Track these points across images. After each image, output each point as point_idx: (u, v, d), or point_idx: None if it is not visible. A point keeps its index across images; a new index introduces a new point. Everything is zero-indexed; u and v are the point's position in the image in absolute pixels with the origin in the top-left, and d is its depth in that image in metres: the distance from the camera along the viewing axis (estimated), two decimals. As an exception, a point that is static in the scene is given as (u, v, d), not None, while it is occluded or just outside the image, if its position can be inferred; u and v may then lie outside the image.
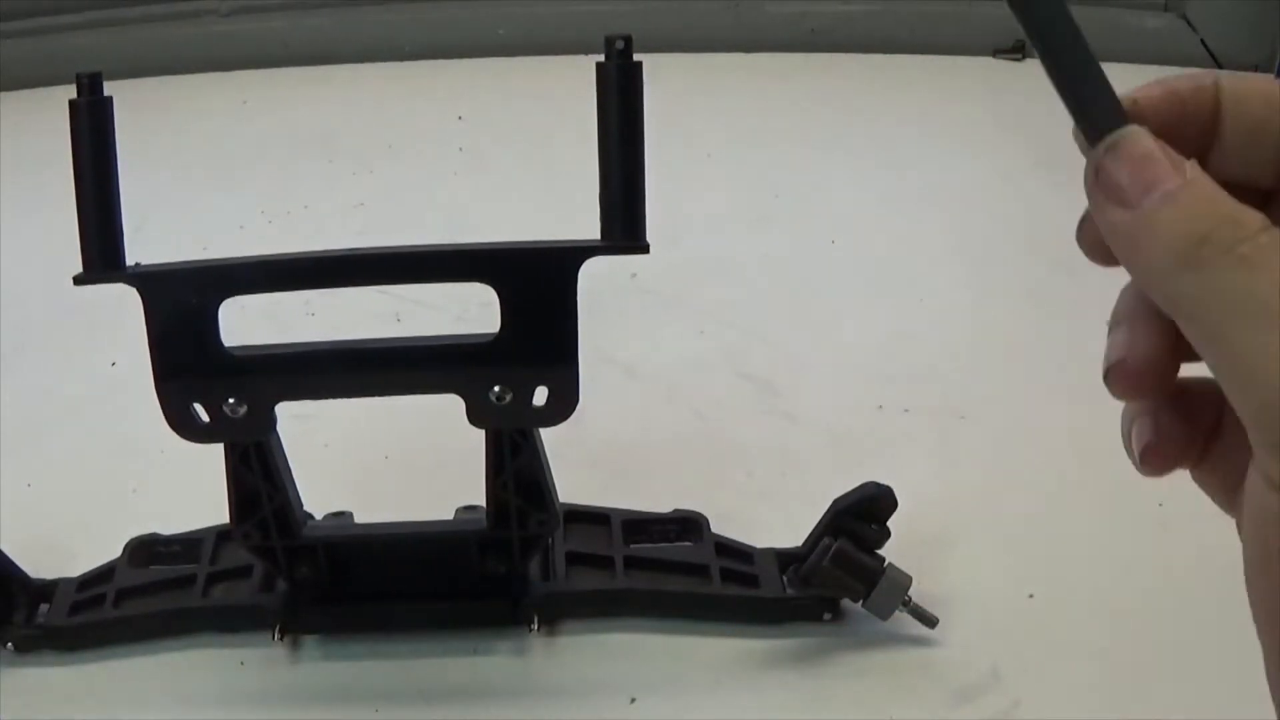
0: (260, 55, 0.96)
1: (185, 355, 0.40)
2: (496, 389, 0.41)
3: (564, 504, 0.46)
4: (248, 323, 0.42)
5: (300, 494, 0.45)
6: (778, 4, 0.96)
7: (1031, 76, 0.88)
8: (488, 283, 0.40)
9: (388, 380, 0.42)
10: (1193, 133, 0.30)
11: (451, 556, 0.46)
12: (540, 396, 0.42)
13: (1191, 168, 0.28)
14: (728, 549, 0.49)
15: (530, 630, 0.47)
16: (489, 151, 0.83)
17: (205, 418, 0.41)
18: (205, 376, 0.40)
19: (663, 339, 0.66)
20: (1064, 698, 0.44)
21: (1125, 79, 0.29)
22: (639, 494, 0.53)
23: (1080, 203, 0.28)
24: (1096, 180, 0.28)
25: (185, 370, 0.40)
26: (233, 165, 0.83)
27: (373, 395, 0.42)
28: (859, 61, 0.93)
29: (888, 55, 0.93)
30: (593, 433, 0.58)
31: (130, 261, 0.39)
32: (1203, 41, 0.91)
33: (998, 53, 0.92)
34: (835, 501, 0.46)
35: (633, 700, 0.45)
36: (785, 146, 0.83)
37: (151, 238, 0.71)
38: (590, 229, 0.40)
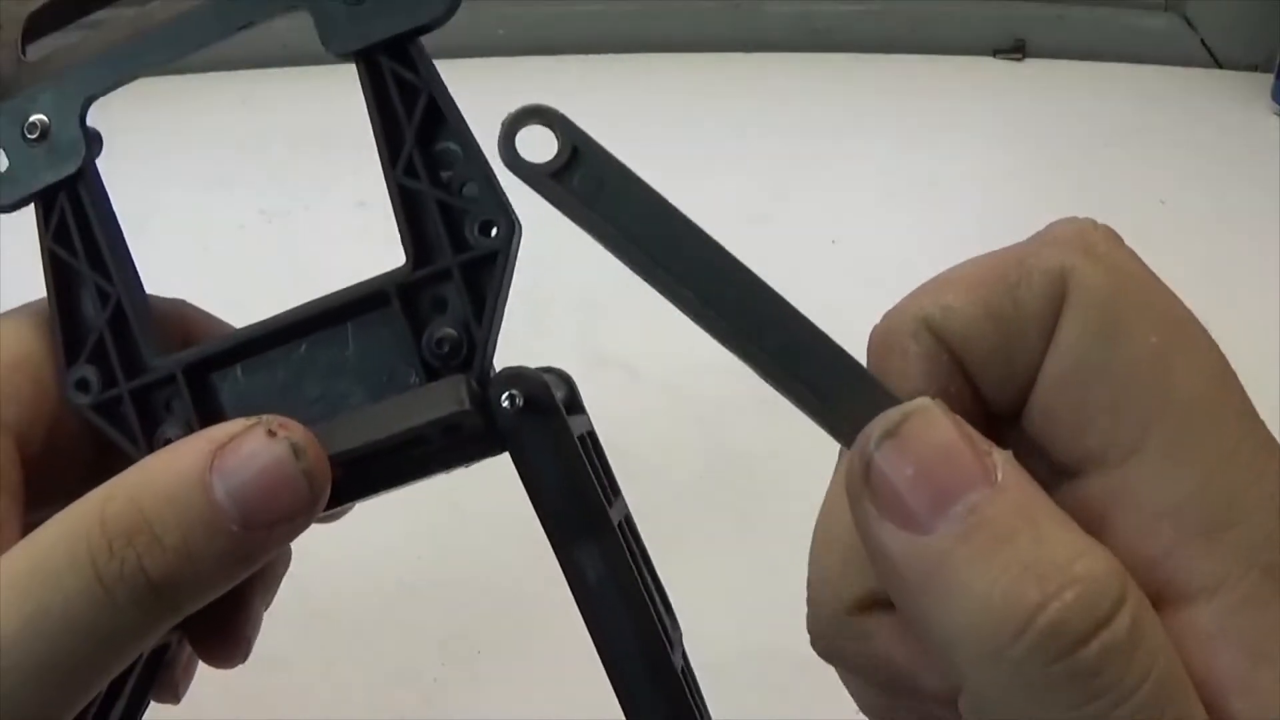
0: (260, 55, 0.96)
1: None
2: None
3: None
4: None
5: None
6: (778, 4, 0.96)
7: (1031, 76, 0.88)
8: None
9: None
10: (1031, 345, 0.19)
11: (374, 335, 0.29)
12: None
13: (1005, 463, 0.17)
14: None
15: None
16: (488, 152, 0.83)
17: (5, 164, 0.33)
18: None
19: (664, 339, 0.66)
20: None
21: (1125, 79, 0.27)
22: (639, 494, 0.53)
23: (1082, 201, 0.27)
24: (865, 482, 0.18)
25: None
26: (233, 165, 0.83)
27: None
28: (859, 61, 0.93)
29: (888, 55, 0.93)
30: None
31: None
32: (1203, 41, 0.91)
33: (998, 53, 0.92)
34: None
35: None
36: (785, 146, 0.83)
37: (152, 238, 0.72)
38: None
